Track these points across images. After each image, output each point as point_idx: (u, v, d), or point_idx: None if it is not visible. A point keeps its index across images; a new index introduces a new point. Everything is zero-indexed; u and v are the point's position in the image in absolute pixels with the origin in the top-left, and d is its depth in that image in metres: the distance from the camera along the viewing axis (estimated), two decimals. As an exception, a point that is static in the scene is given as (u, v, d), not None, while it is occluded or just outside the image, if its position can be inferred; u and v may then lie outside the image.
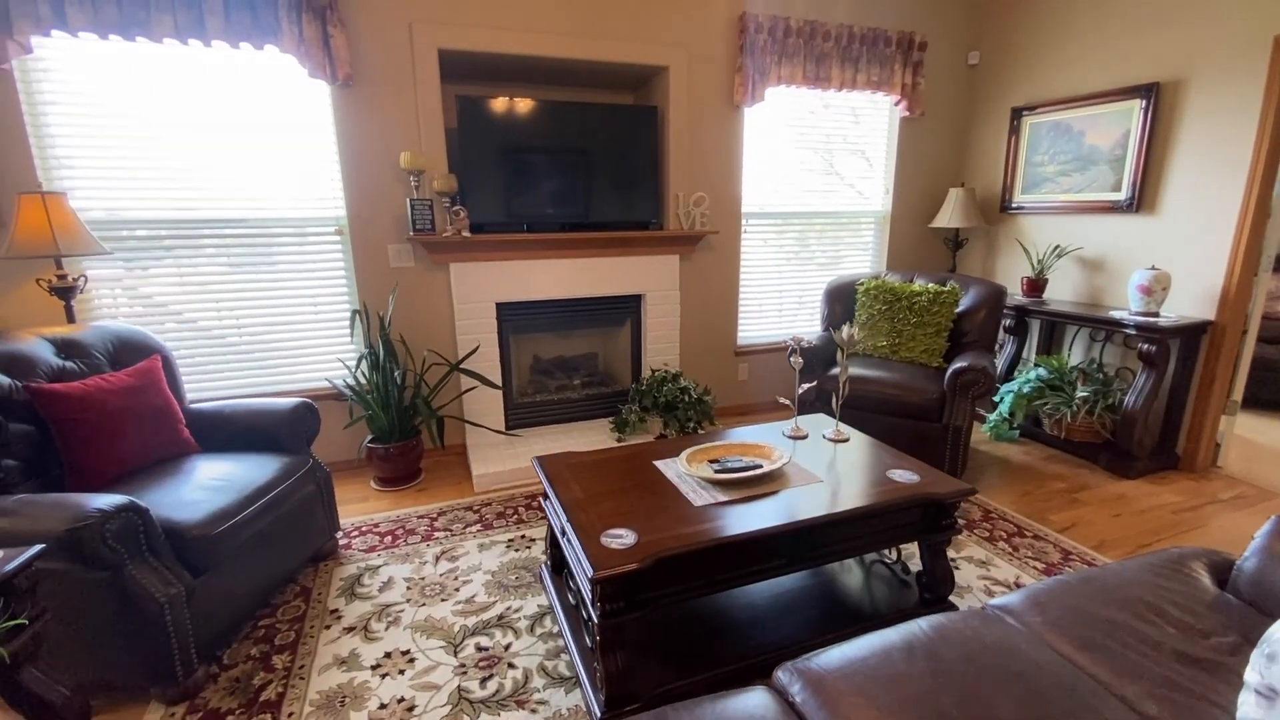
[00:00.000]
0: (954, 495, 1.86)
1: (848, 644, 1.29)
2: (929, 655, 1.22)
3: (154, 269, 2.81)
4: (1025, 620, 1.38)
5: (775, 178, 3.87)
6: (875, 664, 1.20)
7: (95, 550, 1.51)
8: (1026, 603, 1.43)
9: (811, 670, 1.21)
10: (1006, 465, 3.27)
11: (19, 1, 2.32)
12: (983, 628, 1.32)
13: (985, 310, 3.23)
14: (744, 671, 1.73)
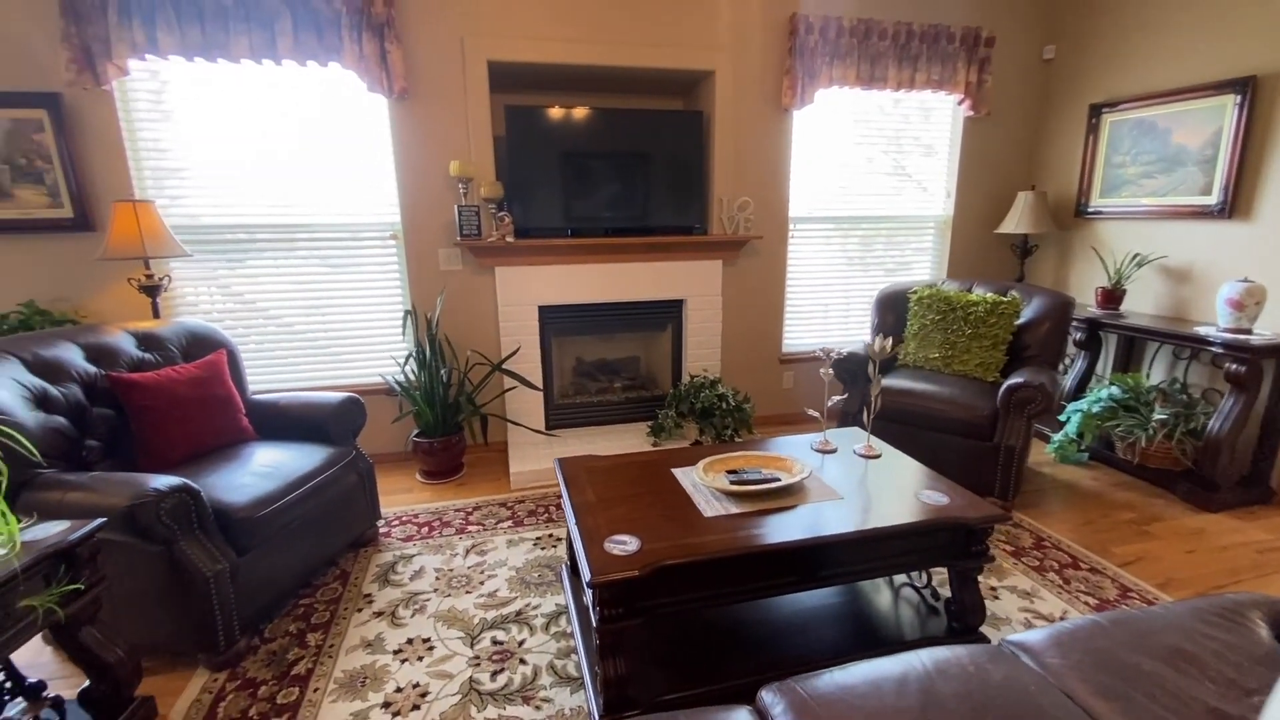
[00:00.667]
0: (984, 520, 1.75)
1: (842, 670, 1.25)
2: (923, 690, 1.16)
3: (228, 270, 3.06)
4: (1043, 660, 1.29)
5: (826, 182, 3.76)
6: (863, 693, 1.15)
7: (150, 525, 1.67)
8: (1048, 641, 1.33)
9: (797, 693, 1.18)
10: (1070, 490, 3.03)
11: (117, 29, 2.59)
12: (990, 665, 1.24)
13: (1050, 323, 3.01)
14: (750, 687, 1.69)
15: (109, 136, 2.75)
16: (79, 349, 2.12)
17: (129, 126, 2.80)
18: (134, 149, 2.83)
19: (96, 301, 2.87)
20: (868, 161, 3.80)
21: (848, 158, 3.76)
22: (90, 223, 2.78)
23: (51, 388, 1.96)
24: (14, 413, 1.79)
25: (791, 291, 3.87)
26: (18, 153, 2.66)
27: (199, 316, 3.02)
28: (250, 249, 3.06)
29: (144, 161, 2.87)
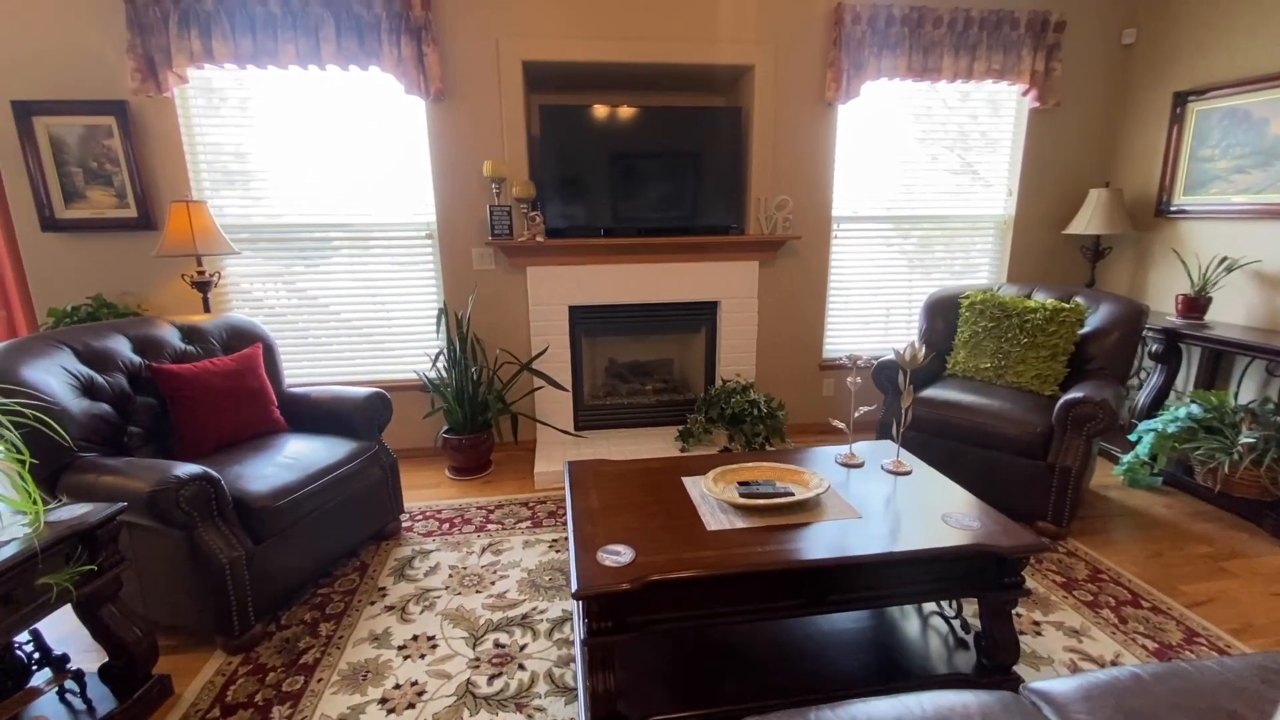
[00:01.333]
0: (1017, 550, 1.59)
1: (832, 709, 1.15)
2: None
3: (275, 267, 3.20)
4: (1066, 715, 1.14)
5: (874, 179, 3.58)
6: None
7: (169, 511, 1.74)
8: (1076, 693, 1.18)
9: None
10: (1138, 518, 2.75)
11: (177, 39, 2.74)
12: (1003, 716, 1.11)
13: (1118, 333, 2.74)
14: (751, 712, 1.60)
15: (170, 141, 2.92)
16: (127, 340, 2.25)
17: (188, 131, 2.97)
18: (192, 152, 3.00)
19: (158, 295, 3.06)
20: (920, 158, 3.58)
21: (898, 154, 3.56)
22: (152, 222, 2.96)
23: (98, 376, 2.09)
24: (60, 399, 1.91)
25: (835, 295, 3.70)
26: (90, 157, 2.87)
27: (246, 311, 3.18)
28: (296, 247, 3.19)
29: (200, 164, 3.04)
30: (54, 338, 2.08)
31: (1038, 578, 2.27)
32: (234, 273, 3.16)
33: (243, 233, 3.11)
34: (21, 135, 2.78)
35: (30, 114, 2.77)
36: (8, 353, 1.92)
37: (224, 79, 2.97)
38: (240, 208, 3.11)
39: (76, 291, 2.97)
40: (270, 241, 3.16)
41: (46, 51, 2.76)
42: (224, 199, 3.08)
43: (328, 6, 2.81)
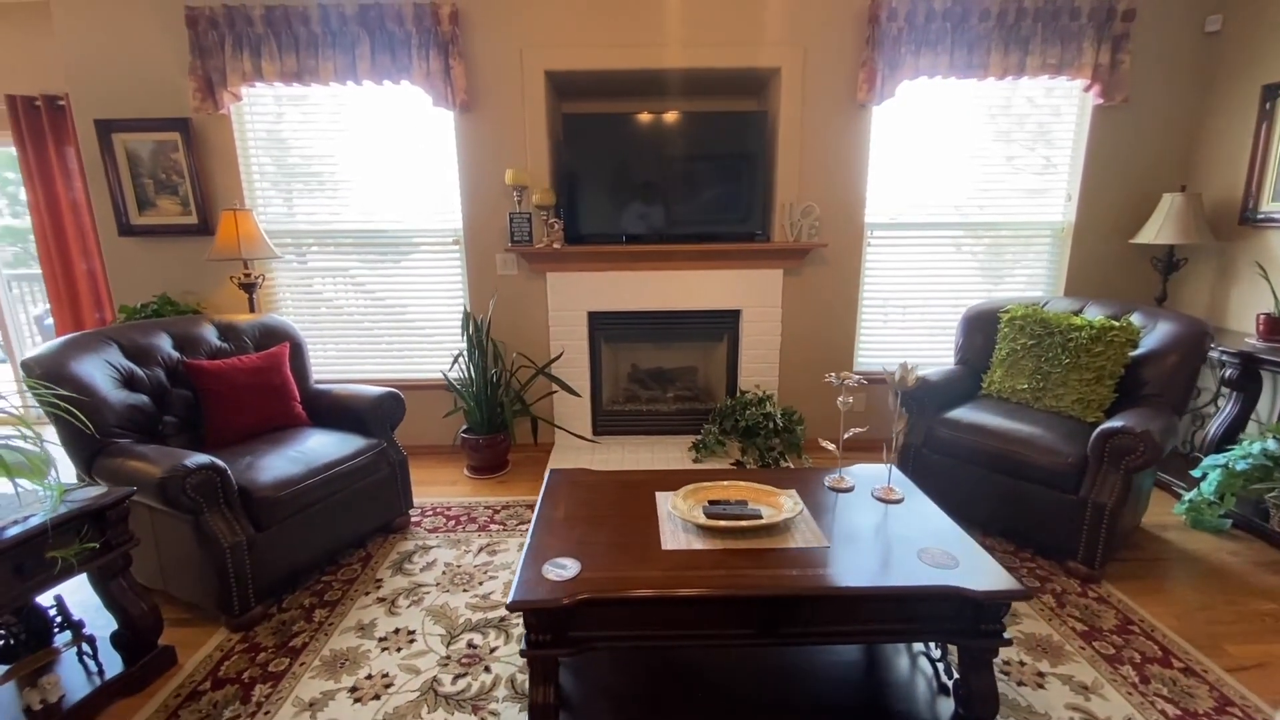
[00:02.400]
0: (990, 596, 1.46)
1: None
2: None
3: (315, 270, 3.42)
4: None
5: (913, 184, 3.38)
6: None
7: (177, 497, 1.90)
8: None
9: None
10: (1194, 564, 2.45)
11: (231, 60, 2.99)
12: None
13: (1176, 356, 2.46)
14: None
15: (226, 154, 3.19)
16: (169, 337, 2.48)
17: (241, 145, 3.23)
18: (245, 164, 3.26)
19: (214, 295, 3.35)
20: (968, 161, 3.35)
21: (942, 157, 3.35)
22: (210, 228, 3.24)
23: (139, 370, 2.31)
24: (100, 391, 2.13)
25: (868, 305, 3.53)
26: (159, 169, 3.17)
27: (288, 311, 3.42)
28: (335, 252, 3.40)
29: (253, 175, 3.29)
30: (104, 334, 2.32)
31: (1055, 623, 2.07)
32: (278, 275, 3.40)
33: (286, 238, 3.34)
34: (103, 150, 3.12)
35: (110, 131, 3.11)
36: (62, 348, 2.15)
37: (271, 96, 3.20)
38: (285, 215, 3.34)
39: (147, 290, 3.30)
40: (311, 246, 3.38)
41: (124, 75, 3.08)
42: (271, 207, 3.33)
43: (363, 25, 2.98)
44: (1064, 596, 2.22)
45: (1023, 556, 2.48)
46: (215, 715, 1.72)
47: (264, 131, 3.25)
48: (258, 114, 3.23)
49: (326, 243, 3.39)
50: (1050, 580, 2.32)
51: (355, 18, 2.96)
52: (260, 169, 3.29)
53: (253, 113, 3.23)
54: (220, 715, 1.72)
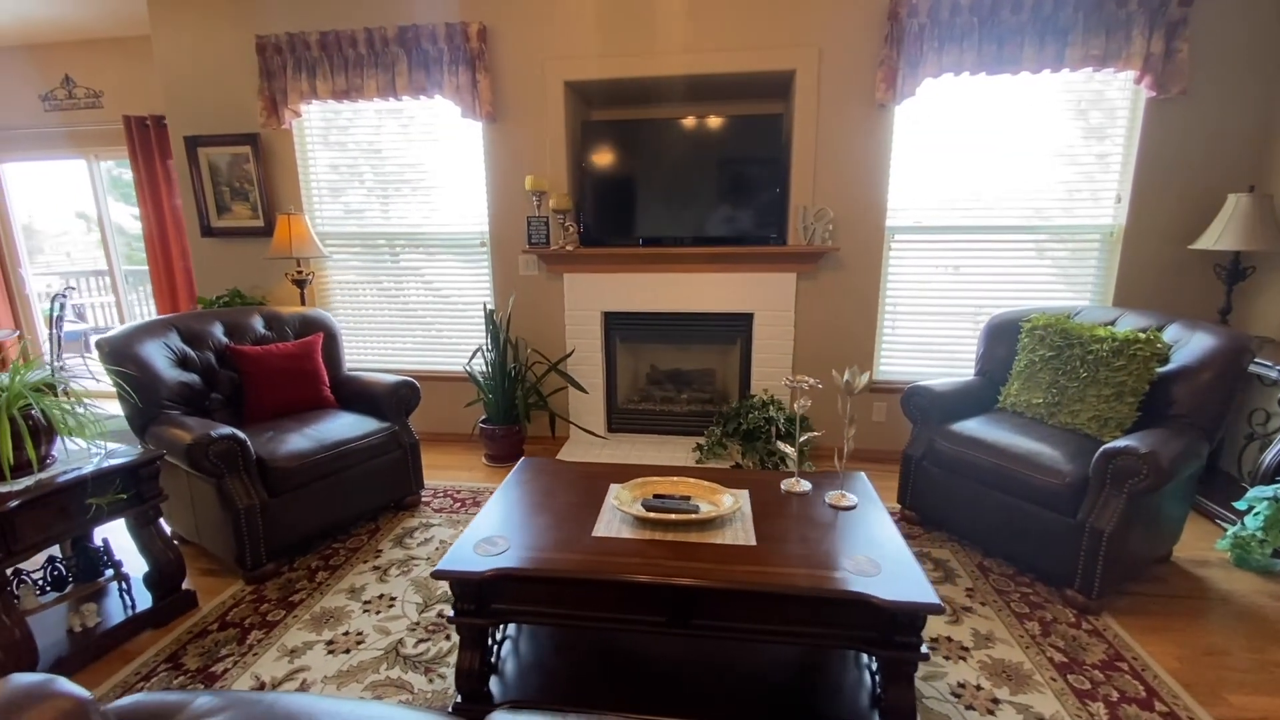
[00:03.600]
0: (899, 606, 1.42)
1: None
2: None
3: (359, 268, 3.76)
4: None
5: (944, 186, 3.24)
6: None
7: (200, 462, 2.19)
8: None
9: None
10: (1223, 605, 2.20)
11: (292, 81, 3.36)
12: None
13: (1210, 373, 2.23)
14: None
15: (288, 164, 3.59)
16: (221, 325, 2.84)
17: (302, 156, 3.61)
18: (305, 173, 3.64)
19: (278, 290, 3.77)
20: (1003, 160, 3.17)
21: (974, 156, 3.19)
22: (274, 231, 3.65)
23: (191, 352, 2.67)
24: (155, 368, 2.49)
25: (891, 312, 3.41)
26: (234, 178, 3.62)
27: (336, 304, 3.78)
28: (377, 252, 3.72)
29: (311, 183, 3.67)
30: (167, 321, 2.70)
31: (1031, 651, 1.95)
32: (330, 273, 3.77)
33: (337, 239, 3.70)
34: (190, 162, 3.60)
35: (196, 146, 3.58)
36: (130, 332, 2.53)
37: (327, 112, 3.56)
38: (336, 218, 3.70)
39: (224, 284, 3.77)
40: (358, 247, 3.72)
41: (208, 96, 3.54)
42: (325, 211, 3.70)
43: (402, 45, 3.26)
44: (1052, 625, 2.07)
45: (1021, 581, 2.33)
46: (214, 651, 1.98)
47: (319, 144, 3.62)
48: (314, 128, 3.60)
49: (371, 244, 3.72)
50: (1043, 608, 2.17)
51: (395, 39, 3.25)
52: (317, 177, 3.67)
53: (310, 127, 3.60)
54: (218, 652, 1.98)
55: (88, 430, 1.95)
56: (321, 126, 3.59)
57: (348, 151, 3.61)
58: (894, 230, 3.29)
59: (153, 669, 1.91)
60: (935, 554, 2.52)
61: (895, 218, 3.28)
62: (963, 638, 2.01)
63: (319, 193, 3.69)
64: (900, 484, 2.75)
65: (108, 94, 4.24)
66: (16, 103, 4.31)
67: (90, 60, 4.19)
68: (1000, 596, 2.24)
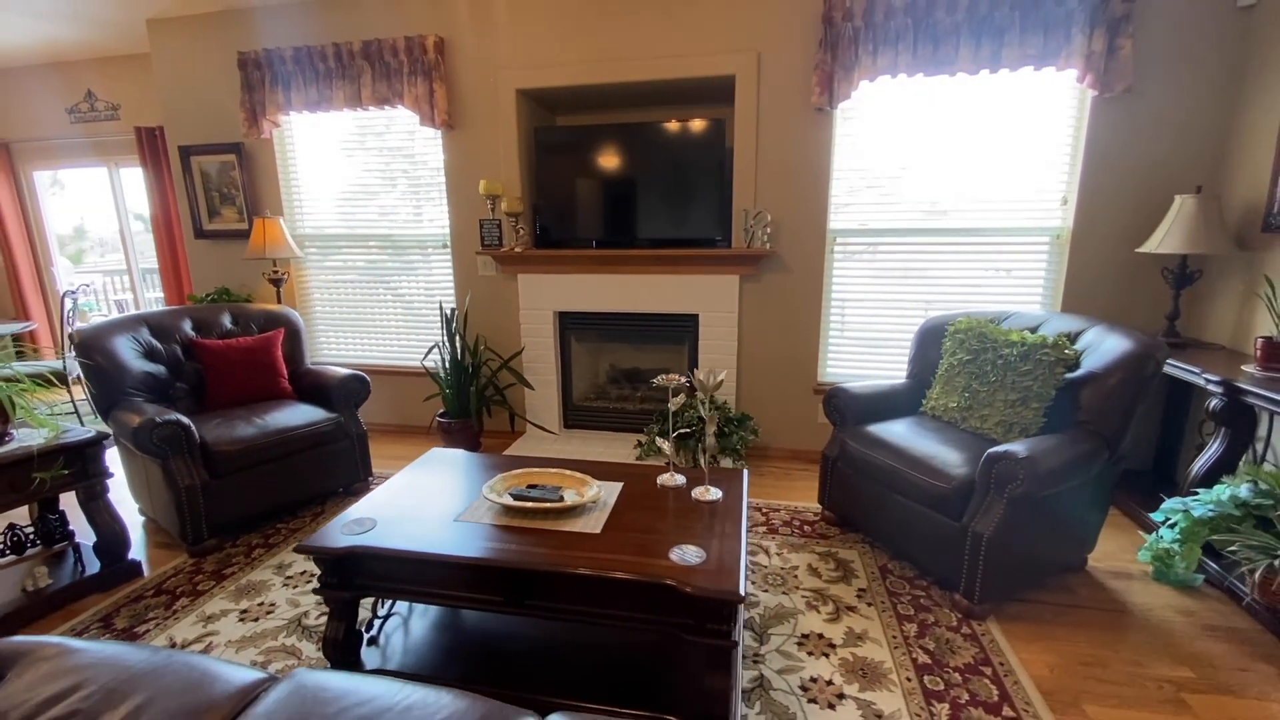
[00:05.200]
0: (703, 592, 1.48)
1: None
2: None
3: (333, 267, 3.99)
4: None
5: (887, 188, 3.22)
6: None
7: (145, 444, 2.42)
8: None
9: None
10: (1124, 617, 2.15)
11: (270, 94, 3.61)
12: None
13: (1117, 378, 2.18)
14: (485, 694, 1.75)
15: (270, 171, 3.84)
16: (190, 320, 3.09)
17: (283, 163, 3.87)
18: (285, 180, 3.89)
19: (262, 287, 4.04)
20: (948, 162, 3.14)
21: (919, 159, 3.16)
22: (256, 232, 3.92)
23: (158, 345, 2.92)
24: (123, 358, 2.74)
25: (838, 314, 3.42)
26: (223, 184, 3.90)
27: (314, 303, 4.02)
28: (349, 252, 3.94)
29: (292, 189, 3.92)
30: (139, 317, 2.96)
31: (899, 651, 1.97)
32: (310, 273, 4.02)
33: (315, 241, 3.94)
34: (184, 170, 3.90)
35: (189, 154, 3.88)
36: (102, 327, 2.80)
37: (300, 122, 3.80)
38: (313, 221, 3.95)
39: (215, 283, 4.07)
40: (332, 248, 3.96)
41: (199, 109, 3.83)
42: (304, 215, 3.94)
43: (366, 58, 3.46)
44: (932, 628, 2.08)
45: (918, 584, 2.34)
46: (142, 615, 2.20)
47: (296, 152, 3.86)
48: (292, 137, 3.85)
49: (345, 245, 3.94)
50: (930, 611, 2.18)
51: (360, 52, 3.45)
52: (295, 183, 3.91)
53: (289, 137, 3.85)
54: (145, 615, 2.19)
55: (35, 416, 2.19)
56: (299, 136, 3.84)
57: (322, 159, 3.84)
58: (837, 233, 3.30)
59: (87, 627, 2.13)
60: (842, 554, 2.54)
61: (839, 221, 3.29)
62: (835, 635, 2.05)
63: (298, 198, 3.93)
64: (820, 485, 2.77)
65: (124, 106, 4.61)
66: (46, 116, 4.75)
67: (109, 76, 4.57)
68: (891, 598, 2.25)
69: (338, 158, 3.82)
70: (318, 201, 3.91)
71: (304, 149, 3.85)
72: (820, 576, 2.39)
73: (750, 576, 2.38)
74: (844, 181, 3.24)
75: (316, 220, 3.95)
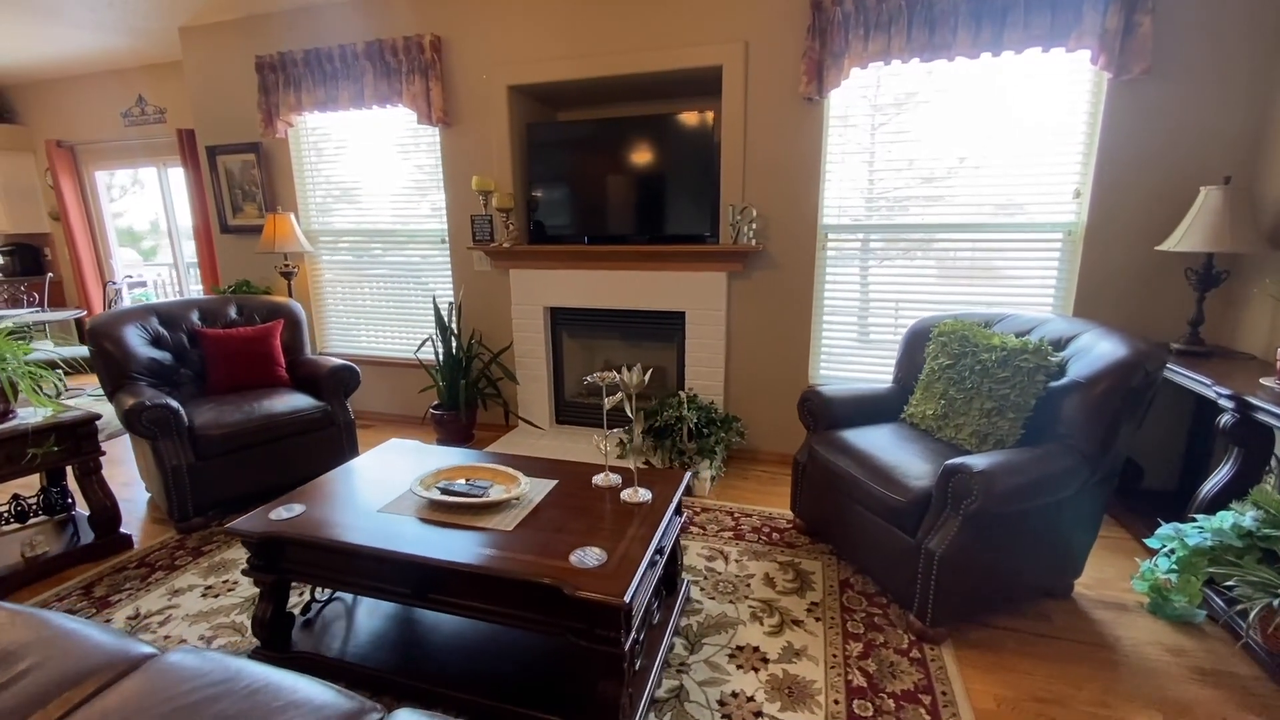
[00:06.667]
0: (587, 599, 1.44)
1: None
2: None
3: (340, 263, 4.14)
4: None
5: (886, 181, 3.06)
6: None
7: (135, 425, 2.58)
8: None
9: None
10: (1096, 649, 1.96)
11: (284, 95, 3.78)
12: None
13: (1100, 388, 1.99)
14: (396, 687, 1.78)
15: (285, 169, 4.03)
16: (198, 311, 3.28)
17: (297, 161, 4.04)
18: (299, 177, 4.07)
19: (279, 280, 4.24)
20: (951, 154, 2.94)
21: (917, 151, 2.98)
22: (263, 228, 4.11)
23: (165, 333, 3.11)
24: (130, 345, 2.93)
25: (830, 313, 3.27)
26: (244, 182, 4.12)
27: (325, 295, 4.19)
28: (354, 247, 4.08)
29: (306, 186, 4.10)
30: (149, 307, 3.16)
31: (834, 671, 1.86)
32: (323, 266, 4.19)
33: (326, 236, 4.10)
34: (211, 168, 4.15)
35: (215, 154, 4.12)
36: (114, 316, 3.00)
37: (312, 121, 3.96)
38: (325, 217, 4.11)
39: (236, 275, 4.30)
40: (341, 243, 4.11)
41: (224, 111, 4.06)
42: (317, 210, 4.11)
43: (369, 59, 3.56)
44: (878, 649, 1.96)
45: (878, 601, 2.20)
46: (120, 584, 2.34)
47: (309, 150, 4.03)
48: (305, 136, 4.02)
49: (352, 239, 4.09)
50: (882, 630, 2.05)
51: (363, 53, 3.56)
52: (310, 180, 4.09)
53: (303, 135, 4.02)
54: (122, 585, 2.34)
55: (38, 396, 2.38)
56: (311, 134, 4.00)
57: (332, 156, 3.99)
58: (829, 229, 3.15)
59: (70, 592, 2.29)
60: (805, 565, 2.43)
61: (832, 216, 3.14)
62: (772, 650, 1.95)
63: (313, 194, 4.10)
64: (792, 492, 2.66)
65: (170, 110, 4.95)
66: (103, 120, 5.15)
67: (157, 82, 4.91)
68: (844, 614, 2.13)
69: (344, 155, 3.96)
70: (326, 198, 4.07)
71: (314, 147, 4.01)
72: (775, 587, 2.29)
73: (700, 583, 2.31)
74: (837, 175, 3.09)
75: (325, 216, 4.11)
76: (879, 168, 3.05)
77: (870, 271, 3.19)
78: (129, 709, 1.17)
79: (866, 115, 3.01)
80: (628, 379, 1.89)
